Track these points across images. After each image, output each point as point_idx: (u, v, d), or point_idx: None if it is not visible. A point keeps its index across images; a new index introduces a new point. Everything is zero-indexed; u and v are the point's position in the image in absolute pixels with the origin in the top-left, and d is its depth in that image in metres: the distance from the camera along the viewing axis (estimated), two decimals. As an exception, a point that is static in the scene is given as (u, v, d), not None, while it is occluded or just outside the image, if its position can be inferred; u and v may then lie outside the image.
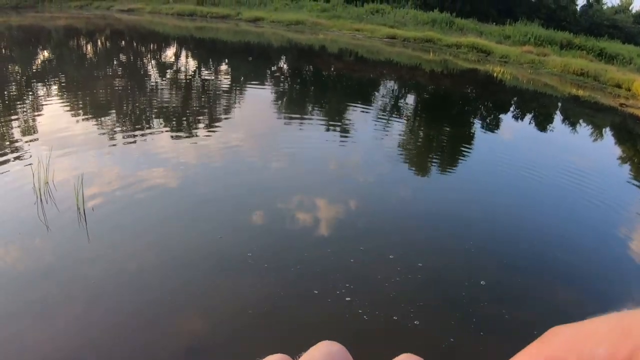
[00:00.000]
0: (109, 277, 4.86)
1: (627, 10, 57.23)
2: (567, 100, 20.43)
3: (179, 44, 26.24)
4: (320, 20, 35.49)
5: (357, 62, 24.57)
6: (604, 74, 24.37)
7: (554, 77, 24.78)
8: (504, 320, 4.79)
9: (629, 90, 22.11)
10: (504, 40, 32.54)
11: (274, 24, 35.14)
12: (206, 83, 16.58)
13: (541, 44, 31.49)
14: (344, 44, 29.64)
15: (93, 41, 24.83)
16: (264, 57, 23.47)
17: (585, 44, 31.91)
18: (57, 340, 4.00)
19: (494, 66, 24.48)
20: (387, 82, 20.59)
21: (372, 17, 36.35)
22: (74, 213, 5.94)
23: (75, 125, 9.65)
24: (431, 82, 21.21)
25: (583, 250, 6.77)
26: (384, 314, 4.62)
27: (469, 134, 12.95)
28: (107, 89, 13.60)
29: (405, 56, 27.35)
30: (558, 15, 45.51)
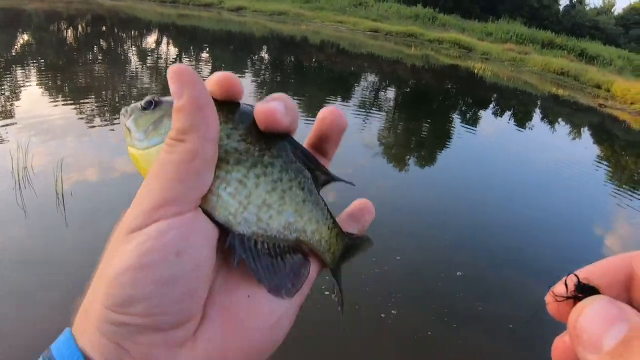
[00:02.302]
0: (87, 263, 4.61)
1: (609, 12, 57.78)
2: (546, 99, 20.48)
3: (161, 31, 25.86)
4: (303, 11, 35.20)
5: (338, 54, 24.40)
6: (584, 74, 24.50)
7: (535, 75, 24.86)
8: (479, 312, 4.79)
9: (608, 91, 22.22)
10: (485, 37, 32.60)
11: (257, 14, 34.79)
12: (186, 71, 16.33)
13: (523, 42, 31.59)
14: (326, 35, 29.44)
15: (74, 26, 24.34)
16: (245, 47, 23.20)
17: (566, 44, 32.06)
18: (34, 326, 3.89)
19: (475, 63, 24.47)
20: (368, 76, 20.48)
21: (355, 10, 36.15)
22: (53, 198, 5.77)
23: (55, 109, 9.42)
24: (412, 76, 21.13)
25: (559, 245, 6.74)
26: (361, 307, 4.55)
27: (448, 129, 12.89)
28: (87, 74, 13.33)
29: (387, 50, 27.25)
30: (541, 14, 45.72)
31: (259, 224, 0.57)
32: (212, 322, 0.52)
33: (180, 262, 0.49)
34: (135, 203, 0.53)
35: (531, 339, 4.49)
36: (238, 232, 0.56)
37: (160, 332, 0.49)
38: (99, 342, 0.49)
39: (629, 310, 0.38)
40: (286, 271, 0.57)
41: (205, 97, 0.53)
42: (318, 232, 0.61)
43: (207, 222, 0.54)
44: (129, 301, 0.48)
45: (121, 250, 0.50)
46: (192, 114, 0.51)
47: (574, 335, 0.39)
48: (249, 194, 0.56)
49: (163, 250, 0.48)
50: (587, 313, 0.39)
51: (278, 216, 0.58)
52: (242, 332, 0.53)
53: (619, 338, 0.36)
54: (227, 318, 0.53)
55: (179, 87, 0.52)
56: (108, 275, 0.49)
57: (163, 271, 0.48)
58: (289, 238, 0.59)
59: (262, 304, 0.55)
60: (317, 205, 0.61)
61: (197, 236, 0.51)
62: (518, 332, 4.58)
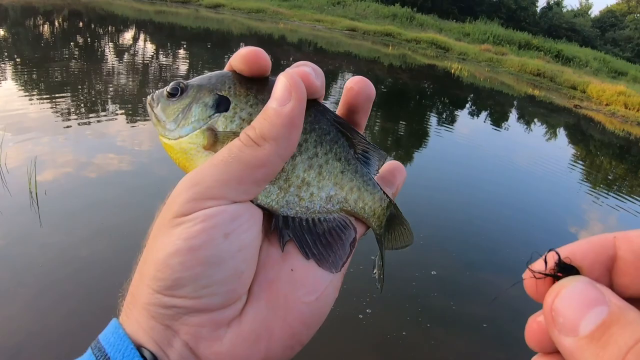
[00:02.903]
0: (61, 263, 4.75)
1: (586, 14, 58.50)
2: (523, 100, 20.55)
3: (138, 27, 25.60)
4: (281, 9, 35.07)
5: (316, 53, 24.30)
6: (560, 76, 24.68)
7: (511, 76, 24.98)
8: (453, 312, 4.82)
9: (583, 92, 22.42)
10: (463, 38, 32.74)
11: (235, 11, 34.60)
12: (164, 69, 16.14)
13: (500, 43, 31.79)
14: (304, 34, 29.36)
15: (50, 21, 24.04)
16: (223, 45, 23.06)
17: (543, 45, 32.35)
18: (7, 326, 3.85)
19: (452, 63, 24.51)
20: (346, 75, 20.41)
21: (333, 9, 36.12)
22: (26, 197, 5.70)
23: (30, 107, 9.26)
24: (389, 76, 21.10)
25: (533, 244, 6.73)
26: (335, 307, 4.41)
27: (424, 129, 12.84)
28: (63, 71, 13.11)
29: (365, 49, 27.21)
30: (518, 15, 46.04)
31: (301, 204, 0.58)
32: (257, 299, 0.54)
33: (227, 243, 0.51)
34: (184, 187, 0.53)
35: (504, 339, 4.48)
36: (282, 214, 0.57)
37: (208, 312, 0.51)
38: (148, 324, 0.52)
39: (609, 294, 0.37)
40: (334, 245, 0.59)
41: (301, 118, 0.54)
42: (361, 199, 0.62)
43: (252, 205, 0.55)
44: (178, 284, 0.50)
45: (169, 234, 0.52)
46: (283, 127, 0.52)
47: (550, 316, 0.39)
48: (287, 177, 0.58)
49: (211, 232, 0.50)
50: (565, 294, 0.38)
51: (319, 192, 0.59)
52: (287, 306, 0.55)
53: (598, 322, 0.36)
54: (271, 294, 0.55)
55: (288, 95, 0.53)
56: (156, 259, 0.51)
57: (211, 252, 0.50)
58: (333, 210, 0.60)
59: (307, 277, 0.57)
60: (356, 173, 0.62)
61: (243, 219, 0.53)
62: (491, 332, 4.55)
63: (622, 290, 0.41)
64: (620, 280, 0.41)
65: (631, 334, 0.34)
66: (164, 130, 0.62)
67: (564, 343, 0.37)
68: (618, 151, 14.68)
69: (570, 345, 0.36)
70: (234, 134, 0.58)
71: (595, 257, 0.42)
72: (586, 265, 0.41)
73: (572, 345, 0.36)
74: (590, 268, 0.41)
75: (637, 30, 50.73)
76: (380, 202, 0.64)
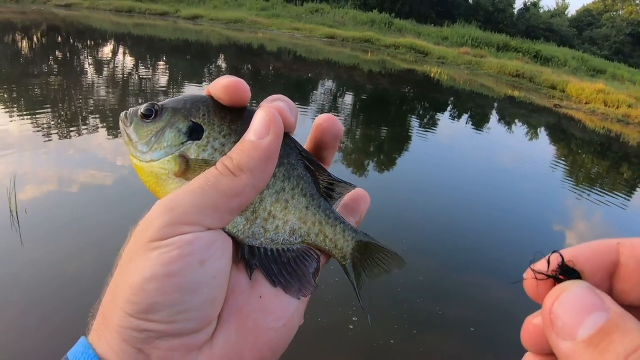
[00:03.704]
0: (44, 281, 4.72)
1: (562, 14, 59.05)
2: (502, 101, 20.61)
3: (117, 40, 25.49)
4: (259, 18, 35.07)
5: (295, 61, 24.28)
6: (539, 76, 24.82)
7: (490, 78, 25.08)
8: (440, 317, 4.81)
9: (563, 91, 22.54)
10: (441, 42, 32.88)
11: (213, 22, 34.56)
12: (144, 81, 16.02)
13: (478, 46, 31.95)
14: (283, 43, 29.33)
15: (29, 37, 23.87)
16: (202, 56, 23.00)
17: (521, 46, 32.55)
18: None
19: (431, 67, 24.57)
20: (326, 82, 20.39)
21: (311, 17, 36.16)
22: (6, 216, 5.64)
23: (9, 123, 9.16)
24: (369, 81, 21.09)
25: (519, 245, 6.81)
26: (322, 316, 4.52)
27: (405, 133, 12.81)
28: (42, 86, 12.97)
29: (344, 56, 27.22)
30: (495, 17, 46.35)
31: (266, 235, 0.60)
32: (227, 324, 0.56)
33: (203, 270, 0.52)
34: (160, 211, 0.54)
35: (492, 341, 4.46)
36: (247, 244, 0.59)
37: (181, 337, 0.52)
38: (119, 347, 0.52)
39: (608, 301, 0.37)
40: (299, 272, 0.61)
41: (277, 152, 0.56)
42: (322, 232, 0.63)
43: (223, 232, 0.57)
44: (153, 308, 0.50)
45: (144, 257, 0.52)
46: (259, 160, 0.55)
47: (548, 319, 0.39)
48: (254, 209, 0.59)
49: (188, 259, 0.51)
50: (565, 298, 0.39)
51: (283, 225, 0.61)
52: (256, 332, 0.57)
53: (596, 328, 0.36)
54: (241, 319, 0.56)
55: (266, 129, 0.56)
56: (131, 282, 0.51)
57: (188, 279, 0.51)
58: (295, 242, 0.62)
59: (274, 304, 0.59)
60: (319, 208, 0.63)
61: (217, 245, 0.55)
62: (478, 335, 4.52)
63: (622, 296, 0.41)
64: (621, 286, 0.42)
65: (630, 341, 0.34)
66: (135, 151, 0.61)
67: (561, 347, 0.37)
68: (599, 148, 14.74)
69: (567, 349, 0.36)
70: (205, 162, 0.59)
71: (598, 262, 0.42)
72: (588, 270, 0.41)
73: (569, 349, 0.36)
74: (591, 273, 0.41)
75: (614, 28, 51.27)
76: (342, 234, 0.64)
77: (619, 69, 32.29)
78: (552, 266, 0.41)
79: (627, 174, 12.23)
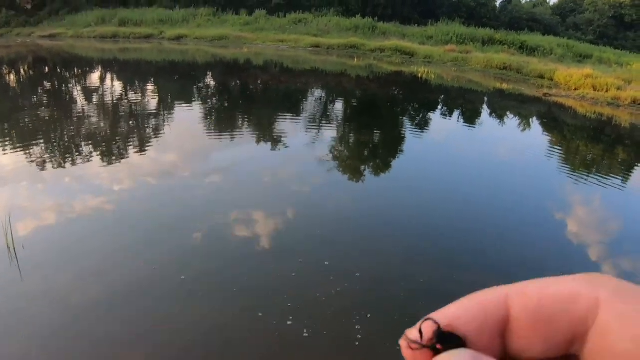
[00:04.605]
0: (45, 316, 4.65)
1: (545, 3, 59.36)
2: (492, 95, 20.65)
3: (104, 67, 25.54)
4: (243, 33, 35.18)
5: (282, 73, 24.33)
6: (527, 66, 24.89)
7: (478, 73, 25.14)
8: None
9: (551, 80, 22.60)
10: (426, 41, 32.95)
11: (198, 41, 34.67)
12: (134, 105, 16.00)
13: (463, 42, 32.02)
14: (269, 55, 29.41)
15: (15, 70, 23.94)
16: (189, 75, 23.01)
17: (506, 39, 32.62)
18: None
19: (418, 67, 24.62)
20: (315, 91, 20.41)
21: (295, 27, 36.25)
22: (4, 252, 5.61)
23: (0, 158, 9.13)
24: (358, 87, 21.13)
25: (517, 240, 6.76)
26: (325, 330, 4.47)
27: (398, 136, 12.81)
28: (32, 119, 12.96)
29: (330, 63, 27.27)
30: (478, 12, 46.52)
31: None
32: None
33: None
34: None
35: None
36: None
37: None
38: None
39: None
40: None
41: None
42: None
43: None
44: None
45: None
46: None
47: None
48: None
49: None
50: None
51: None
52: None
53: None
54: None
55: None
56: None
57: None
58: None
59: None
60: None
61: None
62: None
63: (518, 353, 0.37)
64: (515, 344, 0.37)
65: None
66: None
67: None
68: (592, 133, 14.76)
69: None
70: None
71: (483, 322, 0.37)
72: (472, 332, 0.37)
73: None
74: (477, 335, 0.37)
75: (597, 13, 51.51)
76: None
77: (605, 53, 32.38)
78: (427, 335, 0.36)
79: (622, 156, 12.24)
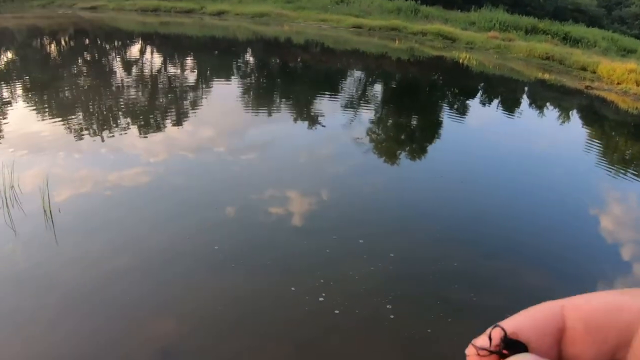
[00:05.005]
0: (78, 280, 4.80)
1: (590, -6, 57.83)
2: (533, 85, 20.49)
3: (144, 40, 25.79)
4: (285, 11, 35.10)
5: (323, 52, 24.38)
6: (569, 58, 24.52)
7: (520, 62, 24.87)
8: (474, 304, 4.81)
9: (594, 72, 22.25)
10: (469, 27, 32.57)
11: (239, 17, 34.68)
12: (173, 79, 16.27)
13: (506, 30, 31.57)
14: (310, 35, 29.40)
15: (57, 41, 24.25)
16: (229, 51, 23.15)
17: (550, 29, 32.07)
18: (29, 345, 3.94)
19: (460, 52, 24.43)
20: (355, 72, 20.48)
21: (337, 7, 36.07)
22: (41, 216, 5.83)
23: (41, 126, 9.40)
24: (398, 70, 21.13)
25: (551, 233, 6.78)
26: (357, 308, 4.57)
27: (437, 121, 12.88)
28: (72, 89, 13.27)
29: (372, 45, 27.22)
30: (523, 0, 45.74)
31: None
32: None
33: None
34: None
35: None
36: None
37: None
38: None
39: None
40: None
41: None
42: None
43: None
44: None
45: None
46: None
47: None
48: None
49: None
50: None
51: None
52: None
53: None
54: None
55: None
56: None
57: None
58: None
59: None
60: None
61: None
62: None
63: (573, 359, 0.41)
64: (571, 350, 0.41)
65: None
66: None
67: None
68: (633, 129, 14.62)
69: None
70: None
71: (543, 330, 0.41)
72: (534, 339, 0.40)
73: None
74: (538, 342, 0.40)
75: (644, 7, 50.24)
76: None
77: (651, 48, 31.73)
78: (495, 341, 0.40)
79: (662, 154, 12.15)
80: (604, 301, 0.41)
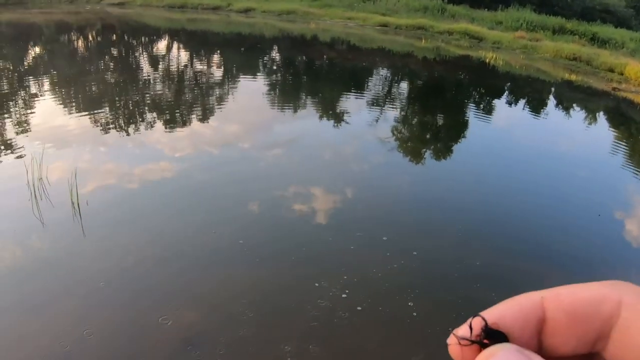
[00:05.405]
0: (104, 271, 4.88)
1: (619, -6, 57.11)
2: (560, 85, 20.40)
3: (171, 36, 26.07)
4: (311, 9, 35.18)
5: (349, 50, 24.46)
6: (597, 59, 24.31)
7: (547, 62, 24.72)
8: (495, 304, 4.79)
9: (621, 74, 22.05)
10: (496, 26, 32.39)
11: (265, 14, 34.83)
12: (199, 75, 16.49)
13: (533, 30, 31.35)
14: (336, 32, 29.48)
15: (84, 36, 24.63)
16: (256, 48, 23.33)
17: (577, 29, 31.78)
18: (55, 332, 4.02)
19: (486, 52, 24.37)
20: (381, 70, 20.56)
21: (363, 5, 36.04)
22: (69, 208, 5.94)
23: (68, 120, 9.60)
24: (424, 69, 21.17)
25: (574, 232, 6.83)
26: (380, 304, 4.64)
27: (462, 120, 12.94)
28: (99, 84, 13.51)
29: (398, 44, 27.25)
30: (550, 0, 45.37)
31: None
32: None
33: None
34: None
35: None
36: None
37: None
38: None
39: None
40: None
41: None
42: None
43: None
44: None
45: None
46: None
47: None
48: None
49: None
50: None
51: None
52: None
53: None
54: None
55: None
56: None
57: None
58: None
59: None
60: None
61: None
62: None
63: (553, 350, 0.42)
64: (551, 340, 0.42)
65: None
66: None
67: None
68: (660, 132, 14.54)
69: None
70: None
71: (524, 320, 0.42)
72: (515, 330, 0.41)
73: None
74: (519, 332, 0.41)
75: (674, 8, 49.54)
76: None
77: (680, 50, 31.34)
78: (476, 331, 0.41)
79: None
80: (585, 292, 0.42)
